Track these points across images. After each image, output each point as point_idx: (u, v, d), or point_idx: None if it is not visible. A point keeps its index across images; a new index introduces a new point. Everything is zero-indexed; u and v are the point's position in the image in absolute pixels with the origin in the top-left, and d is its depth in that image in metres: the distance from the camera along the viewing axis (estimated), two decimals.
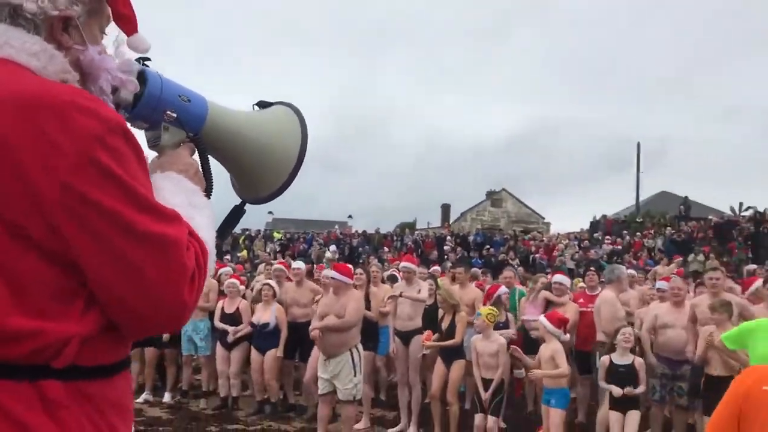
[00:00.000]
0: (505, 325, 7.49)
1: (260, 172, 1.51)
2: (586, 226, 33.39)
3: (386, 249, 27.39)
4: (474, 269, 10.95)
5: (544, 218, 45.54)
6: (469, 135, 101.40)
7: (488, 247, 27.52)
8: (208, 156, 1.46)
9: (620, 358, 5.95)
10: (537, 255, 25.08)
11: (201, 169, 1.43)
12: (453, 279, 9.12)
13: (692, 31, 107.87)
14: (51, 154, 1.05)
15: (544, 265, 21.02)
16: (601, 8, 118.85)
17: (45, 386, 1.08)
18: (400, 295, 7.86)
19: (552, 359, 6.02)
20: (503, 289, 7.76)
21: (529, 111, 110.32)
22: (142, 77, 1.38)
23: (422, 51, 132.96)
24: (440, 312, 7.50)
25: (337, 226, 34.14)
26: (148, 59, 1.43)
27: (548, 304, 7.74)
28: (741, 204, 33.02)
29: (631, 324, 6.90)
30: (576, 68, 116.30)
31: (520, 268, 13.95)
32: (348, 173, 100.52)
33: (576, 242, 27.41)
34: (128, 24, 1.30)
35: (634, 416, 5.75)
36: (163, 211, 1.15)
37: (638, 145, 38.84)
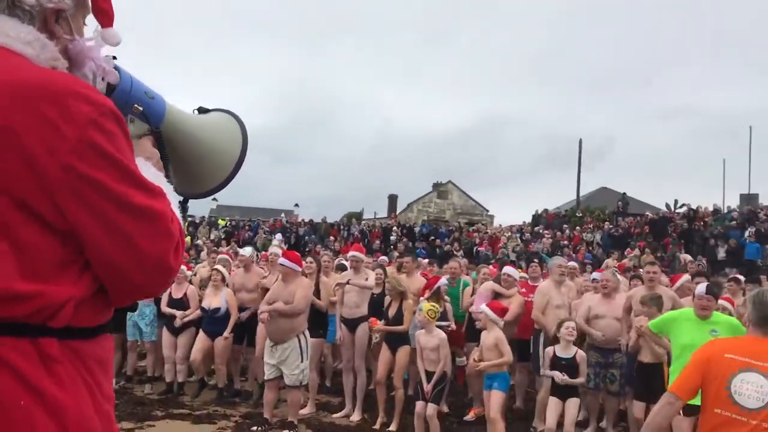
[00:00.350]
0: (443, 316, 7.68)
1: (206, 167, 1.65)
2: (529, 219, 34.11)
3: (332, 238, 27.45)
4: (419, 259, 11.19)
5: (488, 211, 46.27)
6: (418, 128, 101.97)
7: (433, 238, 27.89)
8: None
9: (563, 351, 6.22)
10: (481, 247, 25.56)
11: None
12: (399, 268, 9.33)
13: (633, 34, 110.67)
14: (53, 138, 1.17)
15: (489, 257, 21.43)
16: (549, 8, 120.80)
17: (43, 343, 1.19)
18: (348, 282, 8.00)
19: (495, 347, 6.25)
20: (443, 281, 7.95)
21: (477, 106, 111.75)
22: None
23: (371, 42, 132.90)
24: (386, 300, 7.71)
25: (283, 215, 33.94)
26: (114, 57, 1.53)
27: (496, 296, 7.98)
28: (675, 201, 34.25)
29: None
30: (523, 65, 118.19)
31: (464, 259, 14.21)
32: (296, 162, 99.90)
33: (518, 235, 28.05)
34: (106, 17, 1.41)
35: (573, 403, 6.04)
36: (151, 187, 1.28)
37: (580, 142, 39.82)
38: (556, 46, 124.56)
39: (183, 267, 8.92)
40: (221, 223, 31.99)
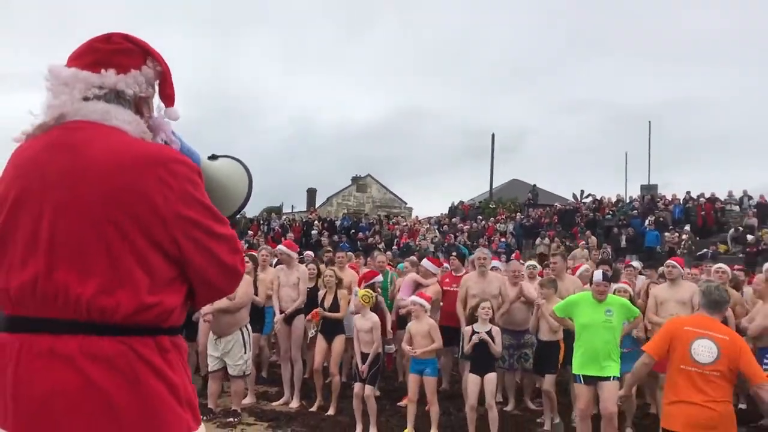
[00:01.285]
0: (376, 308, 8.23)
1: (224, 201, 2.13)
2: (446, 211, 35.21)
3: (252, 233, 27.56)
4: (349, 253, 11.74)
5: (406, 203, 47.32)
6: (336, 120, 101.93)
7: (354, 231, 28.49)
8: None
9: (480, 327, 6.90)
10: (402, 239, 26.33)
11: None
12: (331, 263, 9.88)
13: (546, 27, 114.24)
14: (166, 191, 1.66)
15: (412, 248, 22.19)
16: (464, 1, 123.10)
17: (160, 339, 1.68)
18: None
19: (429, 334, 6.88)
20: (379, 278, 8.55)
21: (395, 99, 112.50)
22: None
23: (287, 33, 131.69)
24: (321, 292, 8.24)
25: None
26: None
27: (417, 286, 8.63)
28: (582, 192, 36.17)
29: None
30: (440, 59, 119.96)
31: (388, 252, 14.87)
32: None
33: (436, 226, 29.03)
34: (170, 101, 1.91)
35: (491, 378, 6.72)
36: (223, 220, 1.80)
37: (492, 136, 41.35)
38: (472, 39, 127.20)
39: None
40: None
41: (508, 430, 7.10)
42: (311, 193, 44.72)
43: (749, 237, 21.36)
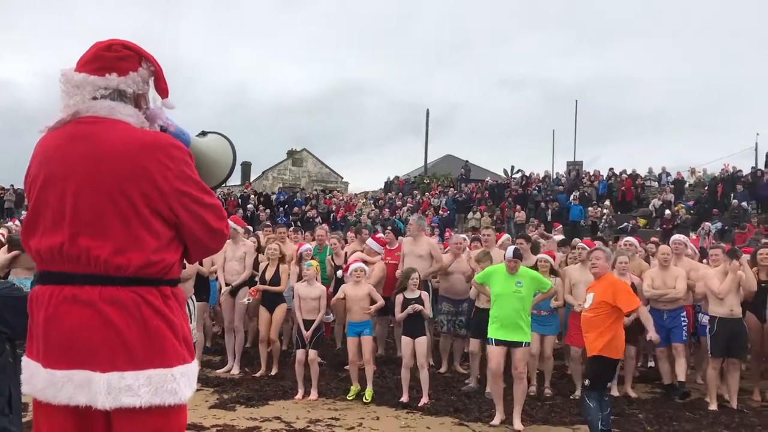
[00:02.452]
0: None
1: (212, 172, 2.54)
2: (381, 185, 35.76)
3: None
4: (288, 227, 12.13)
5: (342, 178, 47.66)
6: (272, 93, 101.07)
7: (289, 205, 28.71)
8: None
9: (410, 294, 7.47)
10: (338, 213, 26.74)
11: None
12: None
13: (483, 4, 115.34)
14: (165, 171, 2.10)
15: (350, 222, 22.62)
16: None
17: (162, 288, 2.13)
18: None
19: (368, 296, 7.52)
20: (306, 246, 9.03)
21: (331, 73, 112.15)
22: None
23: (222, 2, 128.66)
24: (262, 265, 8.65)
25: None
26: None
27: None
28: (512, 167, 37.31)
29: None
30: (378, 33, 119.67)
31: (325, 225, 15.25)
32: None
33: (372, 201, 29.56)
34: (164, 93, 2.32)
35: (422, 341, 7.32)
36: (210, 191, 2.25)
37: (427, 111, 42.01)
38: (410, 13, 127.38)
39: None
40: None
41: (438, 388, 7.71)
42: (246, 167, 44.39)
43: (666, 212, 22.72)
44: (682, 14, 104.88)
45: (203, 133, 2.63)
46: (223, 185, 2.75)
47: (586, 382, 6.04)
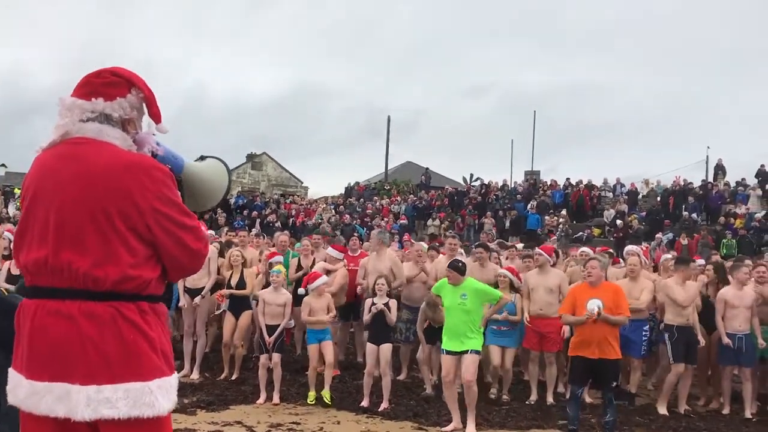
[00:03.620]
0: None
1: (206, 194, 2.63)
2: (342, 191, 35.81)
3: None
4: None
5: (302, 182, 47.58)
6: (231, 96, 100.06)
7: (246, 210, 28.47)
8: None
9: (378, 300, 7.59)
10: (298, 218, 26.70)
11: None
12: (230, 243, 10.27)
13: (448, 12, 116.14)
14: (145, 192, 2.18)
15: (309, 227, 22.60)
16: None
17: (140, 304, 2.20)
18: None
19: (328, 307, 7.62)
20: (277, 258, 9.08)
21: (293, 76, 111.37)
22: None
23: (183, 1, 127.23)
24: (226, 272, 8.68)
25: None
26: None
27: (327, 272, 9.16)
28: (471, 175, 37.79)
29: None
30: (342, 38, 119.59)
31: (287, 232, 15.24)
32: None
33: (333, 206, 29.60)
34: (156, 118, 2.42)
35: (386, 347, 7.45)
36: (190, 214, 2.32)
37: (389, 118, 42.28)
38: (375, 19, 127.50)
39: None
40: (18, 192, 30.10)
41: (398, 393, 7.83)
42: None
43: (619, 222, 23.30)
44: (640, 28, 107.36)
45: (202, 158, 2.74)
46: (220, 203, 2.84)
47: (613, 384, 6.42)
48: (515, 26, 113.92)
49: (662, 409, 7.63)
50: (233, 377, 8.39)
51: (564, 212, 25.43)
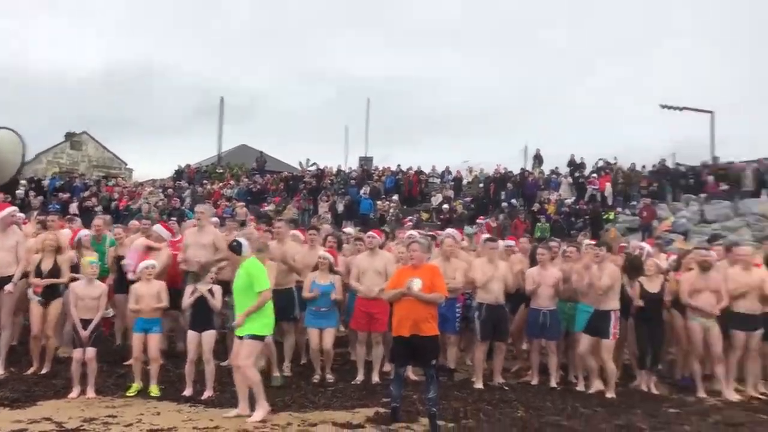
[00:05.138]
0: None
1: (3, 165, 2.42)
2: (171, 173, 34.37)
3: None
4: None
5: (126, 164, 45.04)
6: (50, 69, 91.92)
7: (63, 192, 26.47)
8: None
9: (202, 286, 7.35)
10: (121, 202, 25.24)
11: None
12: (44, 226, 9.52)
13: None
14: None
15: (133, 212, 21.34)
16: None
17: None
18: None
19: (157, 295, 7.46)
20: (83, 232, 8.57)
21: (121, 51, 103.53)
22: None
23: None
24: (36, 256, 8.03)
25: None
26: None
27: (148, 250, 8.78)
28: (308, 160, 37.72)
29: None
30: (175, 11, 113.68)
31: (108, 216, 14.35)
32: None
33: (161, 190, 28.32)
34: None
35: (209, 335, 7.24)
36: None
37: (222, 99, 41.08)
38: None
39: None
40: None
41: (222, 380, 7.57)
42: None
43: (445, 207, 24.41)
44: (474, 22, 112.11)
45: None
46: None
47: (434, 362, 6.41)
48: (356, 15, 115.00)
49: (478, 383, 8.13)
50: (43, 371, 7.81)
51: (395, 197, 26.17)
